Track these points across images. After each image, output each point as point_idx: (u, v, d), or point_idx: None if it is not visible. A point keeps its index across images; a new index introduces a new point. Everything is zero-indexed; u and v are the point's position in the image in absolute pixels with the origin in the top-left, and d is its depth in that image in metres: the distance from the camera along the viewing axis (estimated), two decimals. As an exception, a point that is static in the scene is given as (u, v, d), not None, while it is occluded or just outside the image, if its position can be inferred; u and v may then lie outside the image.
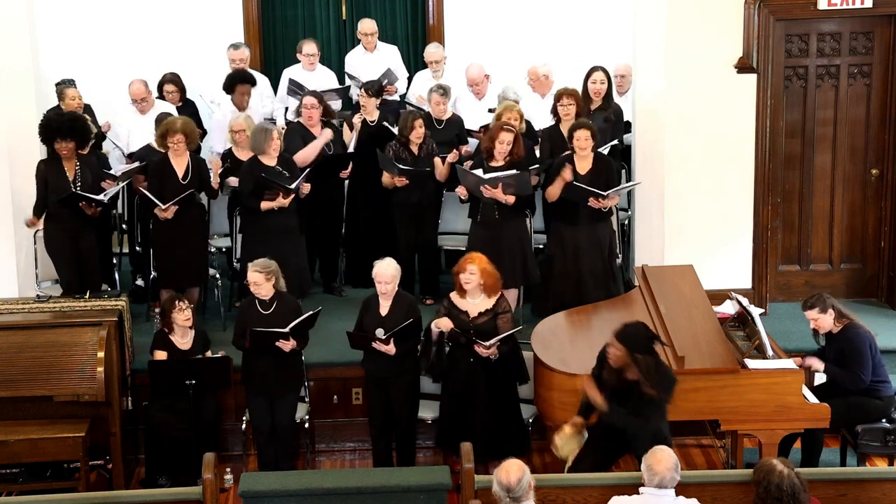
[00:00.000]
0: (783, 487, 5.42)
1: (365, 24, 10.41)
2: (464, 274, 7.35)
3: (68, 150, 8.29)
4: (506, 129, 8.34)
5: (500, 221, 8.35)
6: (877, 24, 8.93)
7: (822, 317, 7.34)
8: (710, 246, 8.94)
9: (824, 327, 7.37)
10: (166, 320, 7.70)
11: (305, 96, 9.18)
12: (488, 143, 8.38)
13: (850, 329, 7.34)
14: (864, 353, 7.26)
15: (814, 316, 7.36)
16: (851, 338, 7.31)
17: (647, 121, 8.95)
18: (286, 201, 8.37)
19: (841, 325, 7.36)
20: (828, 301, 7.35)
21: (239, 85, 9.50)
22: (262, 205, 8.37)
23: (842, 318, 7.37)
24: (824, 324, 7.36)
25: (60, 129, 8.28)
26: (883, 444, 7.28)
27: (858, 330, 7.34)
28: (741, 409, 7.02)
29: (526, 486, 5.41)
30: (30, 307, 7.90)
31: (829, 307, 7.33)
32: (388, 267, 7.46)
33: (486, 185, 8.20)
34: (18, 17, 8.59)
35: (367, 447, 8.03)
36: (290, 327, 7.35)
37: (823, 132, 9.14)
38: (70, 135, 8.29)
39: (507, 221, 8.37)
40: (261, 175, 8.36)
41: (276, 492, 6.23)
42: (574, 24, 11.14)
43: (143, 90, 9.46)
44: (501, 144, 8.29)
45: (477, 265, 7.34)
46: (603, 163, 8.44)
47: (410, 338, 7.42)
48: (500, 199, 8.24)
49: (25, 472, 7.38)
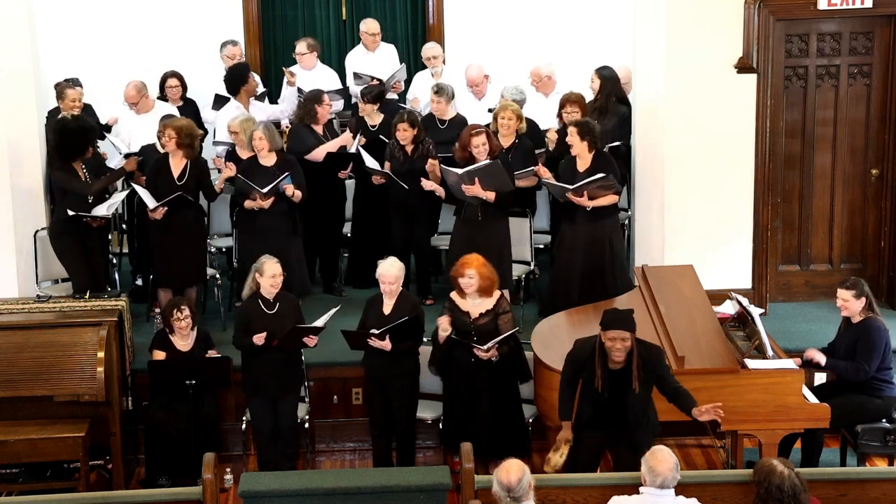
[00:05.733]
0: (784, 488, 5.42)
1: (369, 24, 10.42)
2: (463, 279, 7.33)
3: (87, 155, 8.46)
4: (474, 133, 8.33)
5: (482, 222, 8.36)
6: (877, 24, 8.93)
7: (854, 301, 7.31)
8: (710, 246, 8.94)
9: (851, 311, 7.34)
10: (167, 322, 7.70)
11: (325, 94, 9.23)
12: (462, 152, 8.38)
13: (872, 321, 7.32)
14: (876, 347, 7.24)
15: (846, 297, 7.32)
16: (870, 329, 7.28)
17: (647, 121, 8.95)
18: (265, 203, 8.38)
19: (864, 316, 7.34)
20: (865, 288, 7.34)
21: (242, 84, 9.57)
22: (245, 204, 8.47)
23: (869, 310, 7.35)
24: (853, 308, 7.32)
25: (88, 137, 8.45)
26: (883, 444, 7.28)
27: (877, 324, 7.32)
28: (741, 409, 7.01)
29: (526, 486, 5.41)
30: (30, 307, 7.91)
31: (864, 295, 7.32)
32: (392, 267, 7.46)
33: (464, 185, 8.20)
34: (19, 17, 8.58)
35: (367, 447, 8.03)
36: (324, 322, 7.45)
37: (823, 132, 9.14)
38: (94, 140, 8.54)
39: (489, 222, 8.38)
40: (238, 176, 8.45)
41: (276, 492, 6.23)
42: (574, 25, 11.14)
43: (135, 95, 9.42)
44: (477, 148, 8.30)
45: (475, 268, 7.33)
46: (602, 161, 8.42)
47: (409, 337, 7.41)
48: (481, 195, 8.25)
49: (25, 472, 7.38)
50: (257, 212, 8.44)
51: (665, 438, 7.51)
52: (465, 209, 8.44)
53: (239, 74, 9.59)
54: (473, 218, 8.39)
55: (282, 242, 8.42)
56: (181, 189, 8.39)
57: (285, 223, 8.56)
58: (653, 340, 7.41)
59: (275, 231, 8.48)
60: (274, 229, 8.47)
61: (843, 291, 7.34)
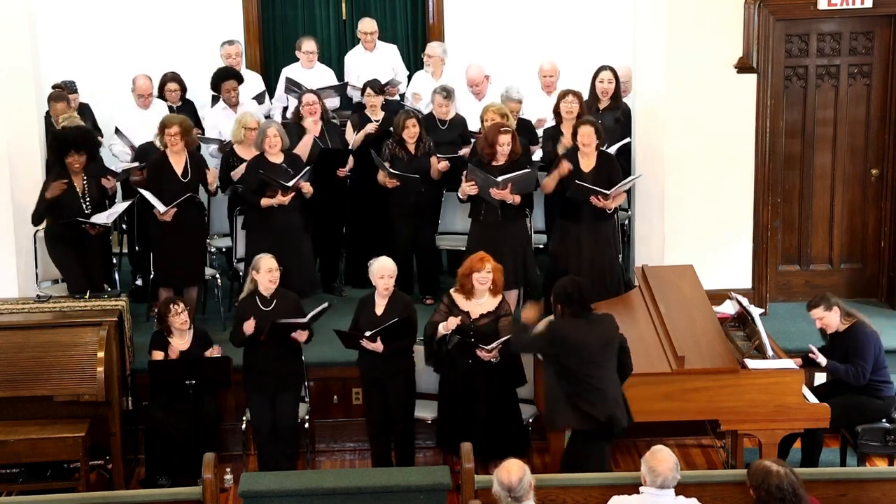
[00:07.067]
0: (783, 487, 5.42)
1: (365, 24, 10.41)
2: (480, 273, 7.26)
3: (80, 164, 8.28)
4: (502, 130, 8.35)
5: (503, 222, 8.36)
6: (877, 24, 8.93)
7: (828, 314, 7.32)
8: (709, 246, 8.93)
9: (831, 326, 7.35)
10: (164, 323, 7.70)
11: (305, 94, 9.20)
12: (488, 147, 8.37)
13: (857, 327, 7.33)
14: (867, 349, 7.24)
15: (819, 314, 7.34)
16: (857, 335, 7.29)
17: (647, 121, 8.95)
18: (286, 199, 8.39)
19: (848, 324, 7.34)
20: (832, 299, 7.34)
21: (224, 82, 9.57)
22: (263, 201, 8.42)
23: (848, 316, 7.35)
24: (831, 322, 7.33)
25: (75, 142, 8.28)
26: (883, 444, 7.28)
27: (865, 328, 7.33)
28: (741, 409, 7.02)
29: (527, 486, 5.41)
30: (30, 307, 7.91)
31: (834, 305, 7.32)
32: (388, 261, 7.46)
33: (493, 189, 8.20)
34: (19, 18, 8.57)
35: (366, 447, 8.02)
36: (310, 317, 7.39)
37: (823, 132, 9.14)
38: (84, 147, 8.31)
39: (509, 222, 8.38)
40: (259, 172, 8.40)
41: (276, 492, 6.23)
42: (574, 25, 11.13)
43: (149, 85, 9.50)
44: (502, 147, 8.31)
45: (492, 263, 7.31)
46: (607, 161, 8.43)
47: (402, 337, 7.40)
48: (509, 199, 8.25)
49: (25, 472, 7.38)
50: (273, 209, 8.42)
51: (665, 438, 7.53)
52: (484, 211, 8.41)
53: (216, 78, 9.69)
54: (494, 220, 8.37)
55: (296, 240, 8.45)
56: (186, 186, 8.41)
57: (299, 220, 8.57)
58: (653, 340, 7.45)
59: (289, 228, 8.48)
60: (288, 227, 8.48)
61: (814, 311, 7.36)
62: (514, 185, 8.21)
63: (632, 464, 7.62)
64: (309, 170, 8.53)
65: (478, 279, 7.27)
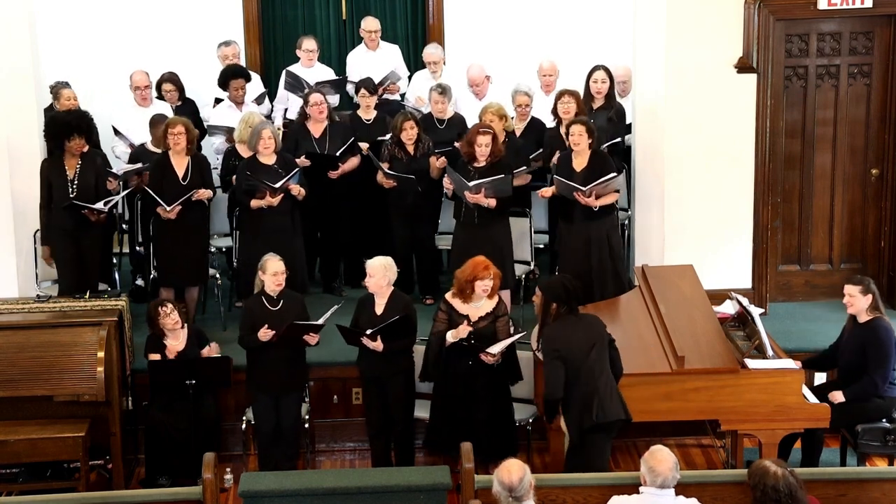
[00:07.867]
0: (779, 487, 5.42)
1: (368, 23, 10.42)
2: (483, 281, 7.23)
3: (79, 148, 8.29)
4: (481, 131, 8.38)
5: (481, 223, 8.37)
6: (877, 24, 8.93)
7: (860, 297, 7.28)
8: (709, 246, 8.93)
9: (857, 308, 7.30)
10: (155, 327, 7.69)
11: (312, 94, 9.19)
12: (468, 147, 8.41)
13: (879, 322, 7.29)
14: (887, 353, 7.21)
15: (853, 293, 7.29)
16: (878, 332, 7.24)
17: (647, 121, 8.95)
18: (274, 200, 8.39)
19: (870, 317, 7.31)
20: (872, 287, 7.31)
21: (233, 80, 9.57)
22: (252, 203, 8.44)
23: (875, 309, 7.33)
24: (858, 305, 7.29)
25: (78, 125, 8.28)
26: (883, 444, 7.28)
27: (886, 325, 7.29)
28: (741, 409, 7.02)
29: (527, 486, 5.41)
30: (30, 307, 7.90)
31: (870, 293, 7.28)
32: (375, 260, 7.46)
33: (468, 192, 8.22)
34: (19, 18, 8.58)
35: (366, 447, 8.02)
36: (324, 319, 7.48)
37: (823, 132, 9.14)
38: (86, 131, 8.32)
39: (487, 223, 8.39)
40: (246, 174, 8.43)
41: (276, 492, 6.23)
42: (574, 25, 11.12)
43: (146, 78, 9.52)
44: (480, 147, 8.34)
45: (494, 271, 7.29)
46: (599, 160, 8.41)
47: (401, 337, 7.39)
48: (483, 203, 8.27)
49: (25, 472, 7.38)
50: (262, 211, 8.43)
51: (665, 438, 7.54)
52: (463, 212, 8.46)
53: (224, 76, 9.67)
54: (470, 221, 8.42)
55: (286, 241, 8.43)
56: (186, 189, 8.41)
57: (289, 222, 8.57)
58: (653, 340, 7.44)
59: (279, 230, 8.48)
60: (278, 228, 8.47)
61: (850, 287, 7.32)
62: (487, 190, 8.23)
63: (632, 464, 7.62)
64: (298, 171, 8.52)
65: (481, 286, 7.27)
